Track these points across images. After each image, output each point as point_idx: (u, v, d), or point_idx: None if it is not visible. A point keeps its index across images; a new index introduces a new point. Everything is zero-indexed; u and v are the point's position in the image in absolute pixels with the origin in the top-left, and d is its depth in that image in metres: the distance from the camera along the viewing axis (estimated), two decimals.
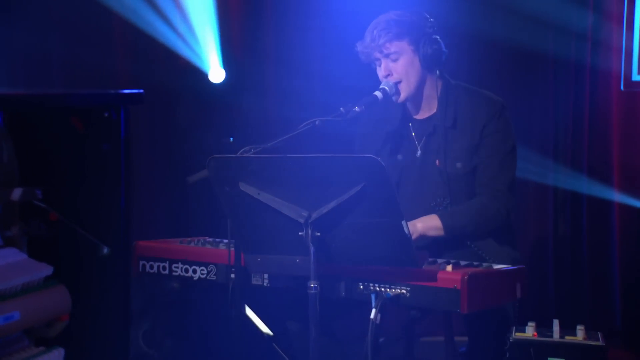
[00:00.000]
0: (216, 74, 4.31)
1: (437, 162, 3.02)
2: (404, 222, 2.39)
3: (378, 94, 2.94)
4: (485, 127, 2.99)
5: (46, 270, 2.29)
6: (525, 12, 4.19)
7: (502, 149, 2.99)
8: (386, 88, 2.96)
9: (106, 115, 2.03)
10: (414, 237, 2.68)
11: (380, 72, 3.00)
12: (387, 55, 2.97)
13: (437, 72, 3.02)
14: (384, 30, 2.94)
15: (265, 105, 4.43)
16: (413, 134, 3.08)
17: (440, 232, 2.90)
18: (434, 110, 3.05)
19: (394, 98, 2.99)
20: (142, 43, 4.10)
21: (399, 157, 3.08)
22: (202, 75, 4.29)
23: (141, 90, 1.91)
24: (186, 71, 4.24)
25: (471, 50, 4.25)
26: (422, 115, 3.08)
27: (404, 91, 2.98)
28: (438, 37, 2.97)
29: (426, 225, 2.89)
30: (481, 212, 2.95)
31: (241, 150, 2.67)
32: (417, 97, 3.03)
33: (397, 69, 2.97)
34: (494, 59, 4.30)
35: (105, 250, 2.14)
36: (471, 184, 3.01)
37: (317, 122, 2.77)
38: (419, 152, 3.06)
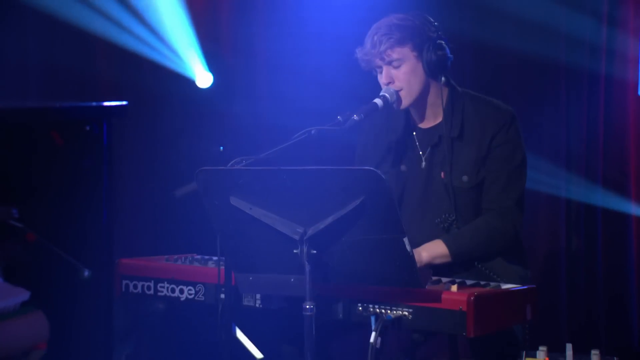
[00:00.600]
0: (203, 78, 4.33)
1: (442, 174, 3.04)
2: (405, 239, 2.41)
3: (378, 101, 2.96)
4: (493, 138, 3.01)
5: (23, 295, 2.29)
6: (535, 21, 4.26)
7: (511, 162, 3.01)
8: (387, 95, 2.98)
9: (88, 129, 2.05)
10: (418, 266, 2.68)
11: (382, 79, 3.03)
12: (388, 62, 2.99)
13: (443, 78, 3.04)
14: (385, 36, 2.96)
15: (257, 111, 4.45)
16: (417, 143, 3.10)
17: (447, 259, 2.92)
18: (440, 119, 3.07)
19: (394, 105, 3.02)
20: (124, 51, 4.13)
21: (403, 167, 3.11)
22: (188, 82, 4.32)
23: (125, 102, 1.93)
24: (171, 77, 4.27)
25: (480, 59, 4.31)
26: (426, 124, 3.10)
27: (405, 99, 3.01)
28: (443, 42, 2.99)
29: (431, 253, 2.90)
30: (489, 234, 2.96)
31: (232, 162, 2.69)
32: (420, 104, 3.06)
33: (399, 76, 3.00)
34: (504, 68, 4.35)
35: (86, 273, 2.15)
36: (478, 199, 3.03)
37: (312, 132, 2.78)
38: (423, 164, 3.08)
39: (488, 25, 4.28)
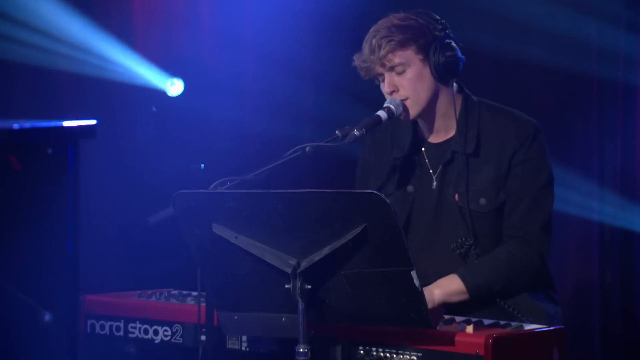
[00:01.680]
0: (173, 85, 4.37)
1: (456, 197, 3.06)
2: (413, 273, 2.42)
3: (382, 114, 2.97)
4: (514, 155, 3.02)
5: None
6: (562, 31, 4.36)
7: (535, 181, 3.02)
8: (391, 107, 2.99)
9: (50, 152, 2.06)
10: (430, 307, 2.69)
11: (384, 88, 3.05)
12: (391, 69, 3.01)
13: (455, 85, 3.07)
14: (384, 39, 2.98)
15: (243, 119, 4.47)
16: (427, 160, 3.12)
17: (464, 296, 2.92)
18: (452, 132, 3.09)
19: (402, 117, 3.03)
20: (86, 64, 4.17)
21: (409, 188, 3.12)
22: (157, 93, 4.35)
23: (94, 121, 1.95)
24: (137, 90, 4.30)
25: (502, 71, 4.38)
26: (437, 137, 3.12)
27: (413, 109, 3.03)
28: (452, 42, 3.01)
29: (445, 290, 2.90)
30: (511, 265, 2.97)
31: (214, 184, 2.70)
32: (429, 115, 3.07)
33: (403, 83, 3.01)
34: (529, 80, 4.43)
35: (47, 316, 2.17)
36: (498, 225, 3.04)
37: (307, 149, 2.80)
38: (434, 184, 3.10)
39: (510, 36, 4.38)
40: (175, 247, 3.98)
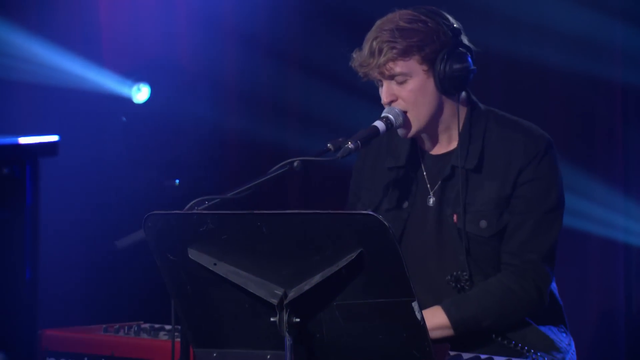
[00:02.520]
0: (138, 91, 4.38)
1: (454, 217, 3.06)
2: (415, 304, 2.42)
3: (379, 124, 2.99)
4: (521, 172, 3.03)
5: None
6: (582, 35, 4.40)
7: (541, 204, 3.02)
8: (390, 117, 3.01)
9: (6, 172, 2.06)
10: None
11: (382, 96, 3.06)
12: (390, 77, 3.02)
13: (462, 92, 3.08)
14: (386, 44, 2.98)
15: (221, 124, 4.48)
16: (425, 174, 3.13)
17: (448, 332, 2.93)
18: (455, 143, 3.10)
19: (400, 132, 3.04)
20: (42, 74, 4.18)
21: (405, 205, 3.13)
22: (122, 100, 4.37)
23: (56, 137, 1.95)
24: (101, 98, 4.31)
25: (514, 77, 4.42)
26: (438, 149, 3.13)
27: (413, 123, 3.04)
28: (463, 50, 3.02)
29: (427, 324, 2.89)
30: (503, 300, 2.96)
31: (190, 204, 2.71)
32: (430, 126, 3.09)
33: (403, 94, 3.02)
34: (548, 85, 4.46)
35: (1, 356, 2.17)
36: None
37: (295, 164, 2.81)
38: (431, 201, 3.11)
39: (524, 38, 4.42)
40: (146, 275, 3.99)
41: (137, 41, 4.57)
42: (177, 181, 4.32)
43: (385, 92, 3.04)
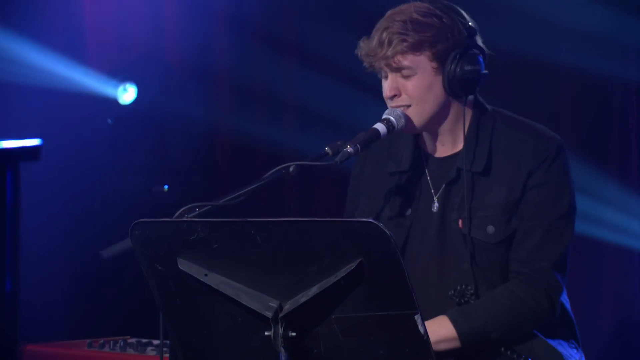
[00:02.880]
0: (124, 92, 4.38)
1: (459, 222, 3.06)
2: (418, 317, 2.42)
3: (380, 127, 2.98)
4: (530, 176, 3.02)
5: None
6: (595, 32, 4.41)
7: (552, 209, 3.02)
8: (391, 119, 3.00)
9: None
10: None
11: (385, 89, 3.06)
12: (397, 69, 3.02)
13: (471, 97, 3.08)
14: (397, 36, 2.97)
15: (213, 125, 4.48)
16: (429, 178, 3.13)
17: (455, 344, 2.92)
18: (461, 145, 3.10)
19: (403, 127, 3.03)
20: (23, 75, 4.18)
21: (408, 211, 3.13)
22: (108, 102, 4.36)
23: (38, 141, 1.95)
24: (85, 99, 4.31)
25: (524, 75, 4.42)
26: (442, 151, 3.13)
27: (414, 118, 3.03)
28: (477, 52, 3.01)
29: (433, 337, 2.81)
30: (513, 310, 2.95)
31: (180, 211, 2.71)
32: (434, 126, 3.09)
33: (407, 88, 3.02)
34: (559, 84, 4.47)
35: None
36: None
37: (291, 169, 2.81)
38: (435, 206, 3.11)
39: (534, 36, 4.42)
40: (133, 287, 3.99)
41: (122, 37, 4.58)
42: (166, 187, 4.32)
43: (389, 84, 3.03)
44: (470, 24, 3.03)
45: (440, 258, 3.06)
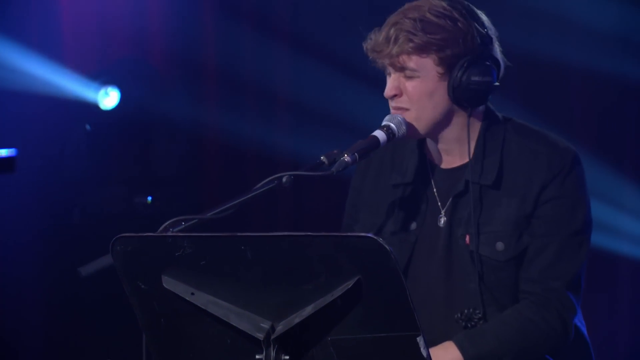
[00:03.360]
0: (106, 96, 4.39)
1: (466, 238, 3.06)
2: (420, 339, 2.42)
3: (380, 134, 2.99)
4: (544, 189, 3.03)
5: None
6: (610, 30, 4.42)
7: (567, 225, 3.03)
8: (391, 125, 3.01)
9: None
10: None
11: (387, 86, 3.06)
12: (400, 69, 3.03)
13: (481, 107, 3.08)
14: (404, 34, 2.98)
15: (199, 130, 4.48)
16: (435, 190, 3.14)
17: None
18: (469, 157, 3.10)
19: (404, 134, 3.04)
20: None
21: (412, 226, 3.13)
22: (87, 107, 4.36)
23: (13, 151, 1.95)
24: (64, 103, 4.31)
25: (532, 76, 4.43)
26: (450, 162, 3.14)
27: (413, 124, 3.03)
28: (489, 62, 3.00)
29: None
30: (524, 333, 2.96)
31: (165, 225, 2.71)
32: (439, 135, 3.09)
33: (409, 89, 3.03)
34: (572, 86, 4.50)
35: None
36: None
37: (284, 180, 2.82)
38: (442, 220, 3.11)
39: (542, 33, 4.43)
40: (114, 307, 3.98)
41: (103, 33, 4.57)
42: (150, 198, 4.32)
43: (390, 83, 3.05)
44: (488, 32, 3.03)
45: (447, 276, 3.07)
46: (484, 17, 3.05)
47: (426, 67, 3.01)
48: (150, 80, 4.52)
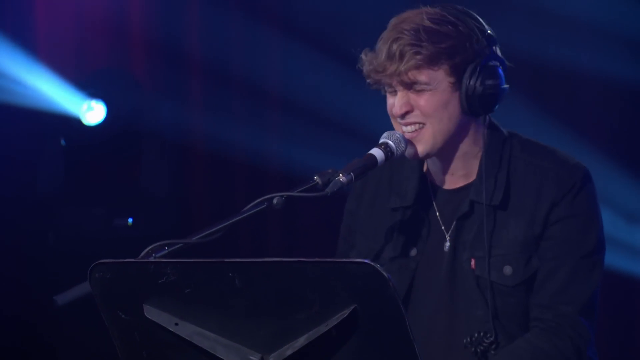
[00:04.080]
0: (91, 111, 4.41)
1: (471, 262, 3.11)
2: None
3: (377, 153, 3.02)
4: (553, 208, 3.07)
5: None
6: (618, 33, 4.46)
7: (578, 247, 3.07)
8: (389, 143, 3.04)
9: None
10: None
11: (392, 104, 3.07)
12: (408, 85, 3.05)
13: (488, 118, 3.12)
14: (411, 48, 2.99)
15: (184, 144, 4.50)
16: (438, 214, 3.18)
17: None
18: (473, 176, 3.15)
19: (408, 152, 3.06)
20: None
21: (413, 252, 3.18)
22: (68, 120, 4.39)
23: None
24: (40, 118, 4.33)
25: (546, 80, 4.47)
26: (453, 183, 3.18)
27: (425, 142, 3.06)
28: (497, 64, 3.05)
29: None
30: None
31: (147, 250, 2.73)
32: (446, 153, 3.13)
33: (420, 103, 3.04)
34: (582, 92, 4.52)
35: None
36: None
37: (275, 201, 2.84)
38: (447, 245, 3.15)
39: (553, 36, 4.46)
40: (92, 338, 4.01)
41: (80, 30, 4.59)
42: (131, 220, 4.34)
43: (399, 102, 3.05)
44: (489, 31, 3.07)
45: (450, 304, 3.10)
46: (478, 17, 3.08)
47: (439, 78, 3.04)
48: (134, 92, 4.54)
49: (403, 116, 3.06)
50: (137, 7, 4.80)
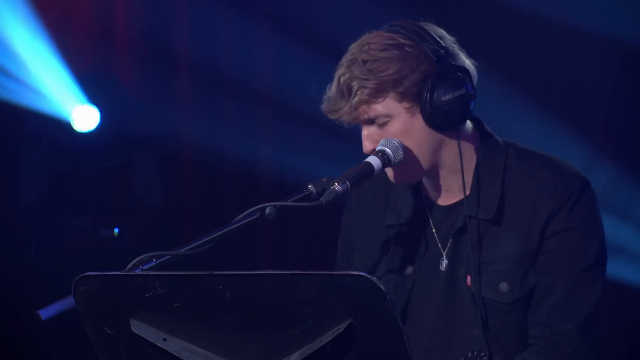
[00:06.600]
0: (83, 117, 4.41)
1: (467, 279, 3.11)
2: None
3: (374, 161, 3.03)
4: (550, 221, 3.08)
5: None
6: (623, 38, 4.47)
7: (577, 261, 3.07)
8: (387, 151, 3.05)
9: None
10: None
11: (363, 143, 3.09)
12: (367, 121, 3.07)
13: (469, 124, 3.13)
14: (356, 82, 3.01)
15: (173, 149, 4.51)
16: (434, 230, 3.19)
17: None
18: (469, 190, 3.15)
19: (390, 176, 3.09)
20: None
21: (409, 270, 3.19)
22: (58, 125, 4.39)
23: None
24: (28, 121, 4.33)
25: (551, 84, 4.49)
26: (448, 198, 3.19)
27: (403, 171, 3.08)
28: (455, 74, 3.02)
29: None
30: None
31: (133, 262, 2.74)
32: (433, 171, 3.14)
33: (385, 137, 3.06)
34: (588, 96, 4.55)
35: None
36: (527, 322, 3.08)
37: (267, 211, 2.84)
38: (444, 263, 3.16)
39: (554, 42, 4.48)
40: (77, 354, 4.01)
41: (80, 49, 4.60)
42: (117, 230, 4.35)
43: (365, 139, 3.08)
44: (442, 43, 3.05)
45: (448, 322, 3.12)
46: (433, 29, 3.08)
47: (390, 107, 3.06)
48: (122, 96, 4.55)
49: (373, 151, 3.06)
50: (123, 7, 4.81)
